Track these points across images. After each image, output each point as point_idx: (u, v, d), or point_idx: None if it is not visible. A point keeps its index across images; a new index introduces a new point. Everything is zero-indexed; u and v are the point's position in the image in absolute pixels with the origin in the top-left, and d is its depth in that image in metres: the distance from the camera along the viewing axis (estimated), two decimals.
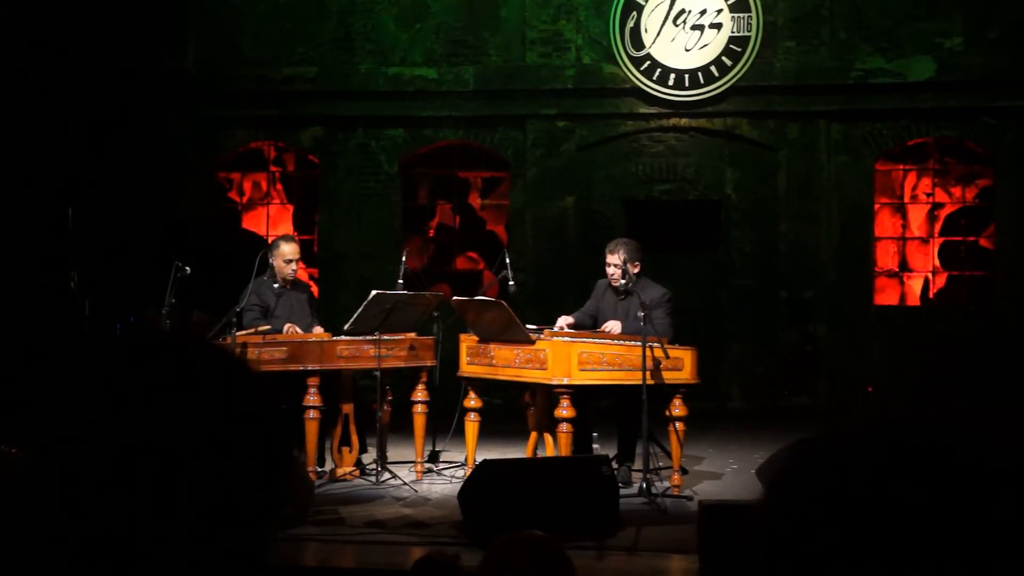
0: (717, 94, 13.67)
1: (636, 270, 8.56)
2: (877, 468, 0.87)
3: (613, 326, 8.39)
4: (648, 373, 7.73)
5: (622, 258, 8.51)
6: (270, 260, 8.78)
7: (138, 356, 1.11)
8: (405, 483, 8.34)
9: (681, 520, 7.14)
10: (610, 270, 8.58)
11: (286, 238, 9.21)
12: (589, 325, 8.63)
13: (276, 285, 8.80)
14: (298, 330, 8.56)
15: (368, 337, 8.42)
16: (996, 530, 0.83)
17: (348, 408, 8.63)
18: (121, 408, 1.05)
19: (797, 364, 13.57)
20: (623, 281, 8.50)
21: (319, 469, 8.60)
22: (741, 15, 13.64)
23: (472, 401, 8.57)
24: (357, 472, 8.65)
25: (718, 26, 13.67)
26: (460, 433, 8.82)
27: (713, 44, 13.67)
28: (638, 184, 14.02)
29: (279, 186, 14.92)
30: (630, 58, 13.77)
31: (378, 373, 8.52)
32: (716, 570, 5.68)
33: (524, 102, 14.03)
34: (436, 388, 9.10)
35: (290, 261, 8.81)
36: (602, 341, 8.09)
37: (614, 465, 7.77)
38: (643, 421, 7.68)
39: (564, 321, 8.60)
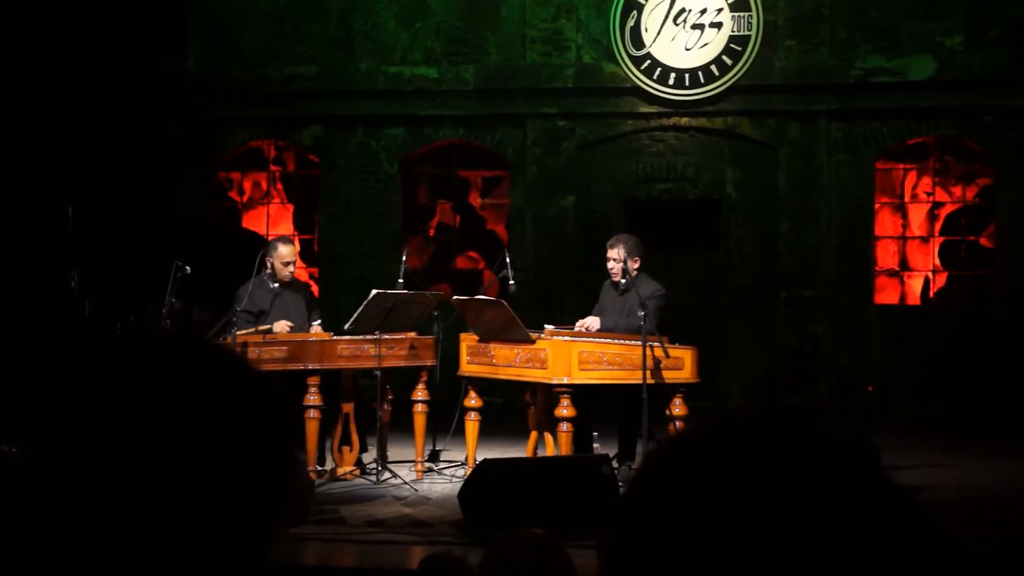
0: (717, 93, 13.67)
1: (636, 265, 8.53)
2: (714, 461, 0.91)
3: (591, 322, 8.40)
4: (648, 372, 7.73)
5: (621, 254, 8.49)
6: (268, 261, 8.77)
7: (139, 356, 1.10)
8: (405, 482, 8.34)
9: None
10: (609, 264, 8.57)
11: (284, 239, 9.21)
12: None
13: (274, 285, 8.80)
14: (287, 327, 8.52)
15: (368, 336, 8.41)
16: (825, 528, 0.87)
17: (348, 407, 8.63)
18: (122, 408, 1.05)
19: (797, 363, 13.56)
20: (622, 280, 8.50)
21: (319, 468, 8.60)
22: (741, 14, 13.63)
23: (472, 400, 8.57)
24: (357, 471, 8.65)
25: (718, 25, 13.67)
26: (460, 432, 8.82)
27: (713, 43, 13.66)
28: (638, 183, 14.01)
29: (279, 185, 14.92)
30: (630, 57, 13.77)
31: (378, 372, 8.52)
32: None
33: (524, 101, 14.03)
34: (436, 387, 9.10)
35: (288, 263, 8.81)
36: (602, 340, 8.08)
37: (614, 464, 7.77)
38: (643, 420, 7.68)
39: (585, 323, 8.58)
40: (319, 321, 8.90)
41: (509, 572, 2.89)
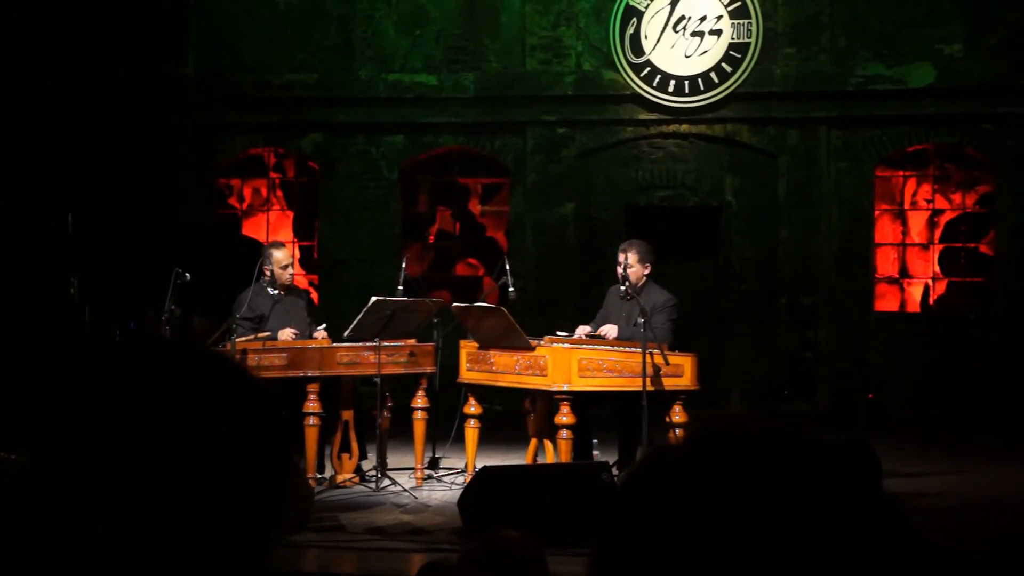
0: (717, 100, 13.68)
1: (646, 272, 8.49)
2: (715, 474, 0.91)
3: (609, 330, 8.37)
4: (648, 379, 7.72)
5: (630, 258, 8.45)
6: (265, 269, 8.76)
7: (137, 362, 1.10)
8: (405, 489, 8.33)
9: None
10: (619, 269, 8.53)
11: (276, 244, 9.21)
12: None
13: (273, 292, 8.79)
14: (293, 334, 8.53)
15: (368, 343, 8.41)
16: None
17: (348, 415, 8.62)
18: (120, 414, 1.05)
19: (797, 370, 13.56)
20: (623, 287, 8.48)
21: (319, 476, 8.59)
22: (741, 21, 13.65)
23: (472, 407, 8.56)
24: (357, 479, 8.64)
25: (718, 32, 13.68)
26: (460, 439, 8.82)
27: (713, 50, 13.67)
28: (638, 190, 14.02)
29: (279, 192, 14.92)
30: (630, 64, 13.78)
31: (378, 379, 8.51)
32: None
33: (524, 108, 14.04)
34: (436, 394, 9.10)
35: (285, 267, 8.82)
36: (602, 348, 8.07)
37: (614, 471, 7.76)
38: (643, 428, 7.67)
39: (583, 330, 8.55)
40: (324, 326, 8.85)
41: (483, 573, 2.88)
